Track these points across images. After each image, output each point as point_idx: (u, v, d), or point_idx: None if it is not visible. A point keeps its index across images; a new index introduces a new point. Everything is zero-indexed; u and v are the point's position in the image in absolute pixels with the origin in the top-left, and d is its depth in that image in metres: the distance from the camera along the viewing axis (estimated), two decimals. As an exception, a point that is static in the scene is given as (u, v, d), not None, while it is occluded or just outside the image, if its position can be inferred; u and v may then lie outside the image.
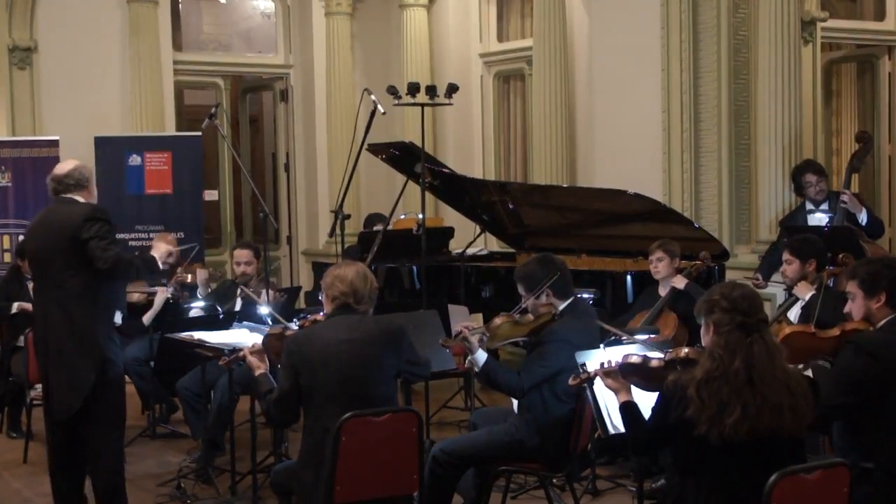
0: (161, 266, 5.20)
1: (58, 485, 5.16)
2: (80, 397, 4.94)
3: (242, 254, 7.10)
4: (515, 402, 5.00)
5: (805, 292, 5.64)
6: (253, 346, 4.74)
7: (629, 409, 3.77)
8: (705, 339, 3.62)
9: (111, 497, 5.06)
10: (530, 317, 4.92)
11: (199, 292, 7.30)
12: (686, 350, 3.75)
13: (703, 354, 3.57)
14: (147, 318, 7.20)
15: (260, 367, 4.53)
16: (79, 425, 5.00)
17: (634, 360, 3.84)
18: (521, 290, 5.00)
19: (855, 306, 4.31)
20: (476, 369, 4.86)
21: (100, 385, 4.94)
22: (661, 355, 3.83)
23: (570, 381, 4.07)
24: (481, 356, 4.80)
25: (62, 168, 5.20)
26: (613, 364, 3.87)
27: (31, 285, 7.21)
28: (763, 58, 7.69)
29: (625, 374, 3.84)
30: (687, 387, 3.45)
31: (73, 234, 4.89)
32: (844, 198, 6.91)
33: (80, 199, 5.08)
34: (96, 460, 5.02)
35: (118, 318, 5.17)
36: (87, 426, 4.99)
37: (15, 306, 7.23)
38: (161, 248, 5.23)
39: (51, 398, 5.13)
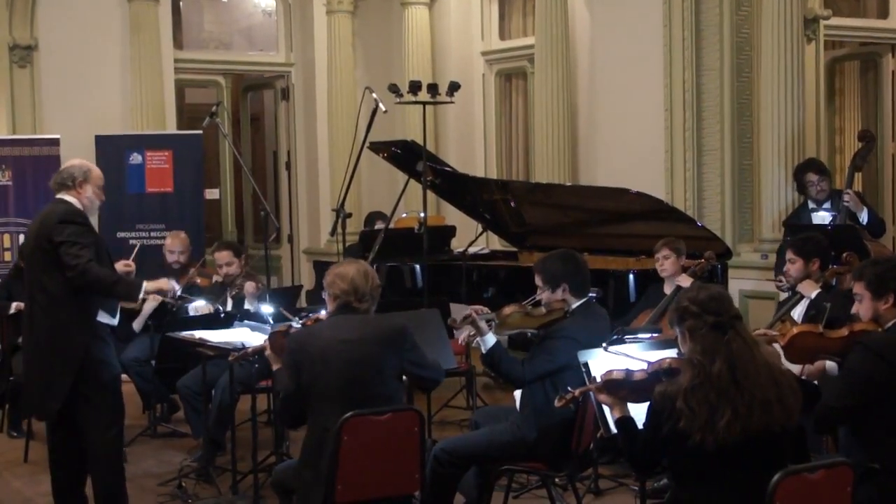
0: (141, 297, 5.16)
1: (58, 482, 5.15)
2: (57, 401, 4.92)
3: (222, 256, 7.12)
4: (518, 401, 5.00)
5: (811, 290, 5.62)
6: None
7: (624, 425, 3.72)
8: (683, 347, 3.59)
9: (110, 496, 5.05)
10: (542, 310, 4.92)
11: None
12: (668, 359, 3.71)
13: (684, 363, 3.54)
14: (137, 325, 7.16)
15: (279, 363, 4.54)
16: (76, 424, 4.99)
17: (616, 375, 3.76)
18: (538, 281, 5.00)
19: (863, 308, 4.30)
20: (483, 351, 4.86)
21: (92, 386, 4.92)
22: (645, 366, 3.80)
23: (557, 403, 3.99)
24: (490, 339, 4.81)
25: (61, 167, 5.23)
26: (599, 380, 3.82)
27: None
28: (766, 56, 7.69)
29: (610, 390, 3.78)
30: (675, 398, 3.42)
31: (48, 237, 4.89)
32: (846, 197, 6.91)
33: (70, 199, 5.06)
34: (94, 460, 5.01)
35: (111, 320, 5.12)
36: (83, 426, 4.97)
37: (13, 306, 7.23)
38: (157, 284, 5.22)
39: (30, 400, 5.13)
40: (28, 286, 5.14)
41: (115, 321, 5.16)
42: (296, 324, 4.97)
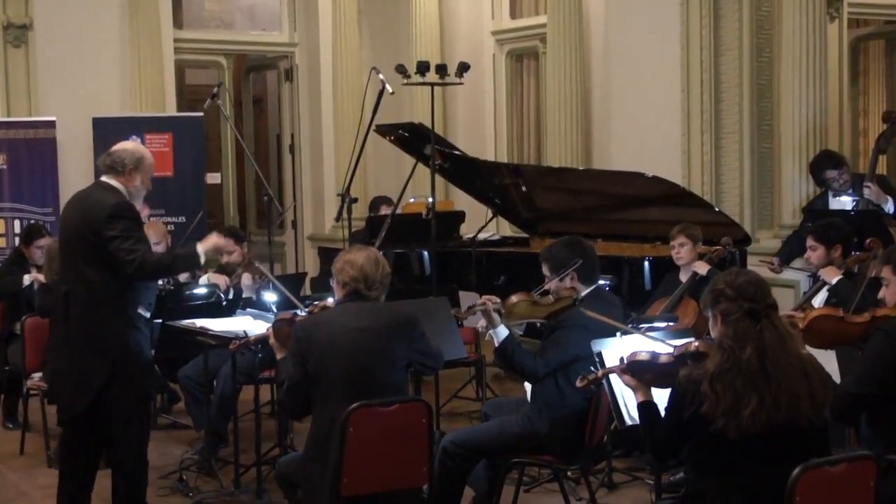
0: (202, 259, 5.09)
1: (68, 477, 5.09)
2: (86, 397, 4.89)
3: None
4: (529, 391, 5.00)
5: (833, 276, 5.62)
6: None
7: (646, 410, 3.73)
8: (714, 330, 3.58)
9: (131, 495, 5.04)
10: (551, 299, 4.91)
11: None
12: (696, 343, 3.72)
13: (713, 347, 3.53)
14: None
15: (283, 352, 4.54)
16: (97, 418, 4.96)
17: (642, 357, 3.78)
18: (545, 270, 5.00)
19: (889, 292, 4.30)
20: (495, 344, 4.86)
21: (123, 379, 4.86)
22: (671, 350, 3.80)
23: (578, 383, 4.02)
24: (502, 331, 4.81)
25: (112, 147, 5.15)
26: (624, 361, 3.83)
27: (34, 272, 7.29)
28: (787, 35, 7.65)
29: (634, 372, 3.79)
30: (700, 382, 3.41)
31: (95, 230, 4.81)
32: (867, 191, 6.86)
33: (115, 184, 4.98)
34: (117, 456, 4.99)
35: (145, 312, 5.09)
36: (109, 419, 4.95)
37: (27, 278, 7.24)
38: (209, 242, 5.16)
39: (57, 394, 5.09)
40: (65, 276, 5.05)
41: (148, 314, 5.13)
42: (301, 311, 4.98)
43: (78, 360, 4.92)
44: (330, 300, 4.69)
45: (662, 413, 3.66)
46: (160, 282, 6.95)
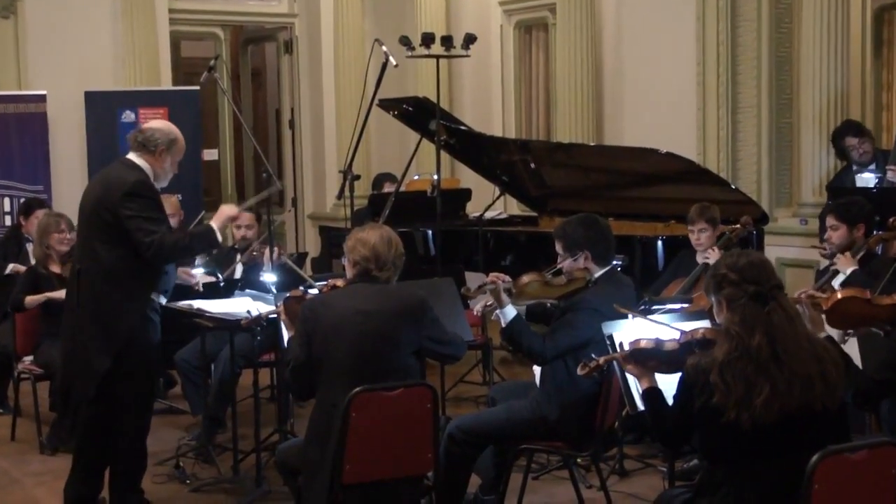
0: (219, 236, 5.10)
1: (81, 462, 5.10)
2: (92, 384, 4.90)
3: (244, 217, 7.10)
4: (538, 376, 5.00)
5: (846, 267, 5.57)
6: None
7: (651, 397, 3.72)
8: (719, 317, 3.56)
9: (129, 484, 5.06)
10: (563, 279, 4.91)
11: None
12: (702, 330, 3.71)
13: (720, 333, 3.51)
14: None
15: (292, 329, 4.54)
16: (108, 401, 4.97)
17: (645, 344, 3.76)
18: (558, 248, 4.99)
19: None
20: (502, 324, 4.86)
21: (125, 365, 4.90)
22: (677, 336, 3.80)
23: (579, 371, 3.99)
24: (510, 311, 4.81)
25: (145, 124, 5.15)
26: (626, 348, 3.83)
27: (30, 247, 7.31)
28: (807, 4, 7.63)
29: (638, 360, 3.78)
30: (708, 371, 3.39)
31: (111, 207, 4.81)
32: (890, 174, 6.83)
33: (142, 163, 4.97)
34: (116, 438, 5.01)
35: (161, 299, 5.09)
36: (115, 405, 4.96)
37: (10, 267, 7.25)
38: (222, 215, 5.15)
39: (66, 378, 5.11)
40: (79, 254, 5.05)
41: (164, 301, 5.14)
42: (312, 289, 4.98)
43: (84, 344, 4.93)
44: (341, 280, 4.69)
45: (669, 400, 3.65)
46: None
